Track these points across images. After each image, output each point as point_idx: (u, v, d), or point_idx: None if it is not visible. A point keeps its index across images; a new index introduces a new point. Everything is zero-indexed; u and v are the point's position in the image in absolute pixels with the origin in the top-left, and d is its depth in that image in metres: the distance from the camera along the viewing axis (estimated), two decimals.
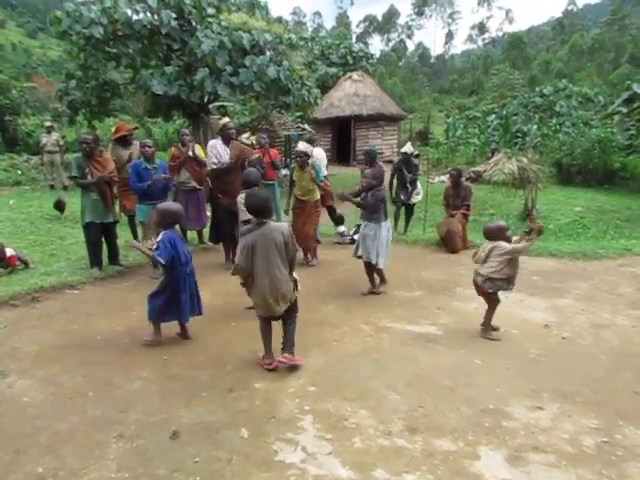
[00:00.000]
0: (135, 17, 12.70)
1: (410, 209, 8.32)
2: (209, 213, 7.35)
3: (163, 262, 3.60)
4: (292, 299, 3.43)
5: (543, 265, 6.21)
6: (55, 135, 13.07)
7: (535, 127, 19.21)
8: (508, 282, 3.94)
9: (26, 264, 5.69)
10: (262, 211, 3.29)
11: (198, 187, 6.85)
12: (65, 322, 4.35)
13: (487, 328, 4.07)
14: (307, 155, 6.00)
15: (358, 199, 5.10)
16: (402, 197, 8.05)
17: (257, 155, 6.57)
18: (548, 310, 4.69)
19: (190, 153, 6.70)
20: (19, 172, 14.69)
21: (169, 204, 3.87)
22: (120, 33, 12.66)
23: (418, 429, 2.78)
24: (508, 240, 3.95)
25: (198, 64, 12.43)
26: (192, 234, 7.22)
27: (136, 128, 6.75)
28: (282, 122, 16.68)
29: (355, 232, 7.62)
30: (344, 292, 5.18)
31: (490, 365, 3.56)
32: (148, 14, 12.76)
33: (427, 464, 2.49)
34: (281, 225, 3.38)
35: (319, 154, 7.42)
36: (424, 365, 3.54)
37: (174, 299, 3.78)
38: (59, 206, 8.65)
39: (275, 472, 2.43)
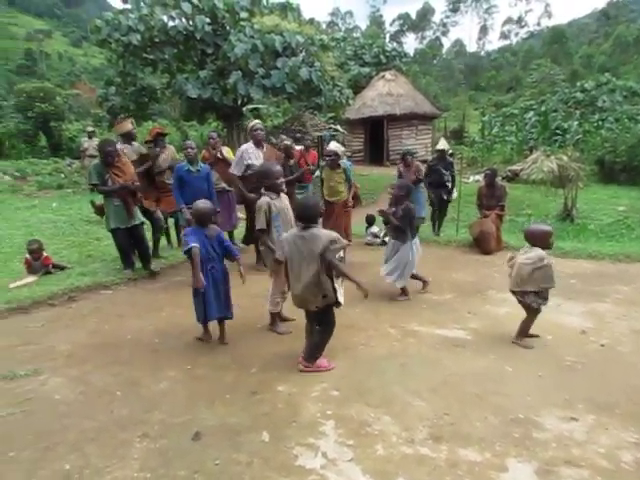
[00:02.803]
0: (171, 23, 13.02)
1: (443, 209, 8.15)
2: (240, 214, 7.42)
3: (186, 255, 3.74)
4: (318, 305, 3.33)
5: (581, 267, 5.94)
6: (96, 140, 13.50)
7: (576, 123, 18.52)
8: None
9: (62, 269, 5.87)
10: (307, 218, 3.31)
11: (228, 188, 6.92)
12: (98, 322, 4.47)
13: (523, 335, 3.91)
14: (337, 155, 5.95)
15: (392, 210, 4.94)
16: (440, 196, 7.83)
17: (291, 161, 6.62)
18: (585, 315, 4.47)
19: (219, 155, 6.79)
20: (62, 176, 15.29)
21: (197, 202, 3.92)
22: (156, 39, 13.00)
23: (443, 437, 2.69)
24: (550, 247, 3.74)
25: (231, 67, 12.62)
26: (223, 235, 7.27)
27: (166, 134, 6.79)
28: (314, 123, 16.70)
29: (386, 234, 7.52)
30: (372, 295, 4.97)
31: (521, 372, 3.41)
32: (183, 20, 13.05)
33: (451, 474, 2.40)
34: (324, 234, 3.26)
35: None
36: (451, 371, 3.43)
37: (199, 296, 3.83)
38: (97, 209, 8.93)
39: (294, 477, 2.40)
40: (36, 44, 63.64)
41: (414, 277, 5.06)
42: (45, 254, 5.80)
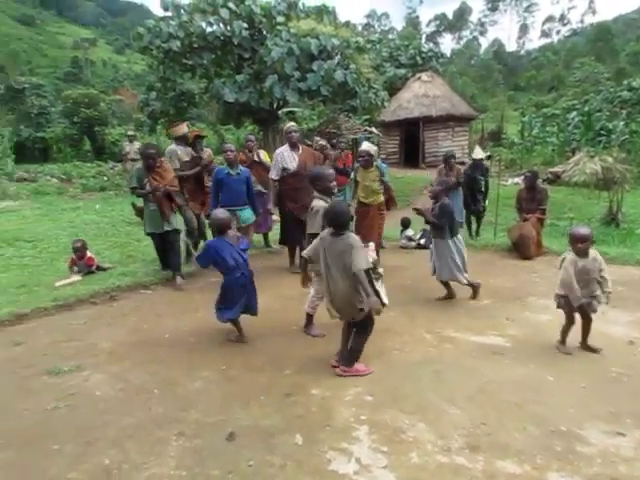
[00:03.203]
0: (209, 29, 13.29)
1: (481, 214, 8.02)
2: (276, 217, 7.49)
3: (199, 265, 4.01)
4: (355, 316, 3.34)
5: (629, 274, 5.67)
6: (137, 144, 13.94)
7: (622, 124, 17.75)
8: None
9: (105, 270, 6.05)
10: (339, 225, 3.25)
11: (263, 191, 6.99)
12: (137, 321, 4.60)
13: (564, 342, 3.77)
14: (370, 155, 5.92)
15: (430, 208, 4.93)
16: (475, 205, 7.80)
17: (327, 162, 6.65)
18: (633, 324, 4.26)
19: (256, 158, 6.89)
20: (105, 178, 15.88)
21: (216, 212, 4.00)
22: (195, 45, 13.31)
23: (480, 447, 2.61)
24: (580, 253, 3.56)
25: (267, 71, 12.76)
26: (258, 236, 7.37)
27: (204, 136, 6.84)
28: (349, 126, 16.66)
29: (422, 237, 7.43)
30: (408, 299, 5.04)
31: (563, 383, 3.28)
32: (221, 26, 13.31)
33: None
34: (354, 242, 3.21)
35: None
36: (489, 379, 3.34)
37: (229, 302, 3.93)
38: (138, 211, 9.20)
39: None
40: (82, 52, 66.40)
41: (469, 284, 4.95)
42: (89, 254, 5.99)
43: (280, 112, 15.42)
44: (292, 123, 6.44)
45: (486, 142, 22.79)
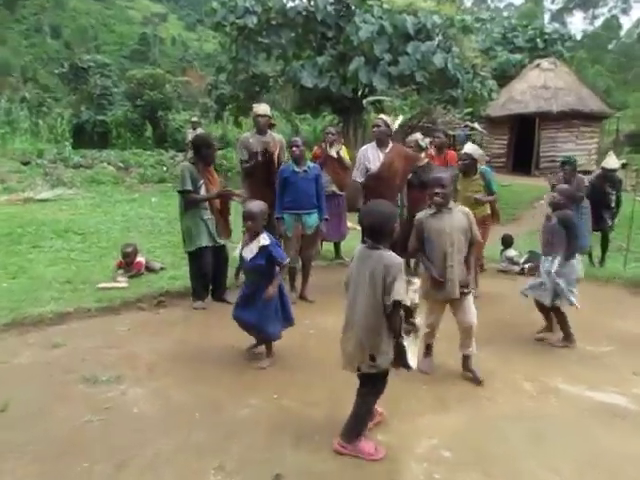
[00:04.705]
0: (290, 4, 13.65)
1: (606, 236, 7.54)
2: (350, 224, 7.52)
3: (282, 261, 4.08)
4: (361, 366, 2.94)
5: None
6: (200, 131, 14.64)
7: None
8: None
9: (155, 271, 6.37)
10: (375, 232, 2.90)
11: (338, 192, 7.04)
12: (185, 332, 4.81)
13: None
14: (473, 159, 5.76)
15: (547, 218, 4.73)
16: (598, 224, 7.34)
17: (425, 160, 6.55)
18: None
19: (333, 153, 6.92)
20: (164, 169, 16.81)
21: (251, 204, 4.16)
22: (273, 22, 13.71)
23: None
24: None
25: (353, 53, 12.86)
26: (328, 245, 7.43)
27: (274, 125, 6.91)
28: (447, 120, 16.41)
29: (527, 260, 7.11)
30: (503, 336, 4.85)
31: None
32: (303, 0, 13.62)
33: None
34: (391, 263, 2.82)
35: None
36: (605, 447, 3.10)
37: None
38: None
39: None
40: (151, 28, 71.01)
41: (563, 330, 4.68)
42: (139, 258, 6.33)
43: (365, 101, 15.48)
44: (381, 115, 6.38)
45: (621, 147, 21.43)
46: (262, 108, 6.15)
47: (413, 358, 2.97)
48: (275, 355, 4.22)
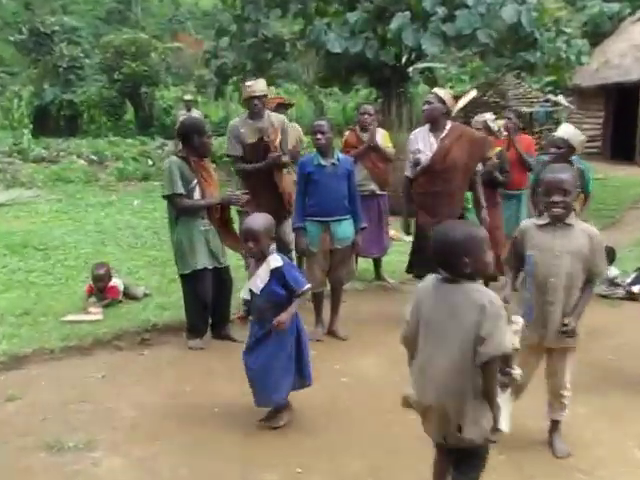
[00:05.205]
0: None
1: None
2: (393, 231, 7.45)
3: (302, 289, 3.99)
4: (448, 437, 2.79)
5: None
6: (196, 113, 14.76)
7: None
8: None
9: (137, 299, 6.38)
10: (449, 263, 2.72)
11: (379, 192, 6.97)
12: (177, 379, 4.77)
13: None
14: (570, 147, 5.64)
15: None
16: None
17: (498, 149, 6.44)
18: None
19: (370, 139, 6.87)
20: (149, 162, 17.04)
21: (250, 220, 4.11)
22: None
23: None
24: None
25: (395, 8, 12.83)
26: (365, 263, 7.35)
27: (289, 105, 6.82)
28: (521, 92, 16.19)
29: (636, 281, 6.94)
30: (607, 383, 4.72)
31: None
32: None
33: None
34: (486, 301, 2.64)
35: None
36: None
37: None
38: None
39: None
40: None
41: None
42: (113, 281, 6.33)
43: (411, 69, 15.44)
44: (435, 89, 6.22)
45: None
46: (259, 86, 6.00)
47: (506, 420, 2.81)
48: (294, 410, 4.14)
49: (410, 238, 6.47)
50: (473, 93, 6.15)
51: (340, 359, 5.00)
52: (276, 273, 3.90)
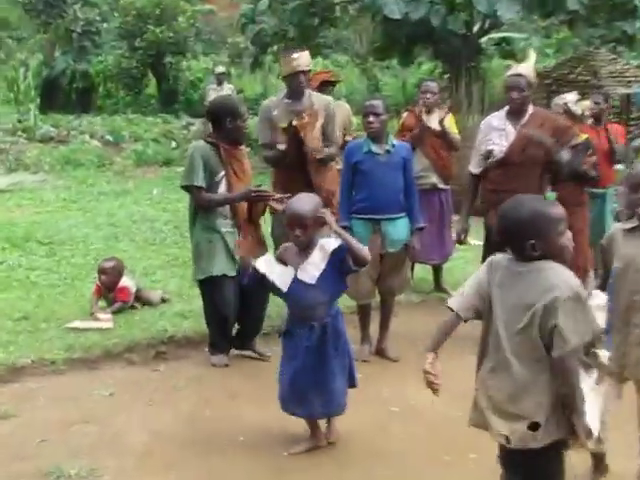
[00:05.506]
0: None
1: None
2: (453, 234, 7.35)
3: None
4: (512, 440, 2.68)
5: None
6: (228, 88, 14.73)
7: None
8: None
9: (153, 304, 6.41)
10: (515, 244, 2.74)
11: (442, 186, 6.89)
12: (195, 402, 4.75)
13: None
14: None
15: None
16: None
17: (584, 136, 6.30)
18: None
19: (433, 123, 6.77)
20: (173, 144, 17.07)
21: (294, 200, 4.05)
22: None
23: None
24: None
25: None
26: (423, 271, 7.28)
27: (336, 82, 6.70)
28: (617, 70, 15.86)
29: None
30: None
31: None
32: None
33: None
34: (563, 283, 2.61)
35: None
36: None
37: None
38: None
39: None
40: None
41: None
42: (123, 280, 6.33)
43: (484, 40, 15.24)
44: (520, 67, 5.99)
45: None
46: (303, 60, 5.81)
47: (594, 417, 2.66)
48: (337, 440, 4.11)
49: (477, 242, 6.37)
50: (533, 57, 5.95)
51: (390, 384, 4.94)
52: (337, 255, 3.84)
